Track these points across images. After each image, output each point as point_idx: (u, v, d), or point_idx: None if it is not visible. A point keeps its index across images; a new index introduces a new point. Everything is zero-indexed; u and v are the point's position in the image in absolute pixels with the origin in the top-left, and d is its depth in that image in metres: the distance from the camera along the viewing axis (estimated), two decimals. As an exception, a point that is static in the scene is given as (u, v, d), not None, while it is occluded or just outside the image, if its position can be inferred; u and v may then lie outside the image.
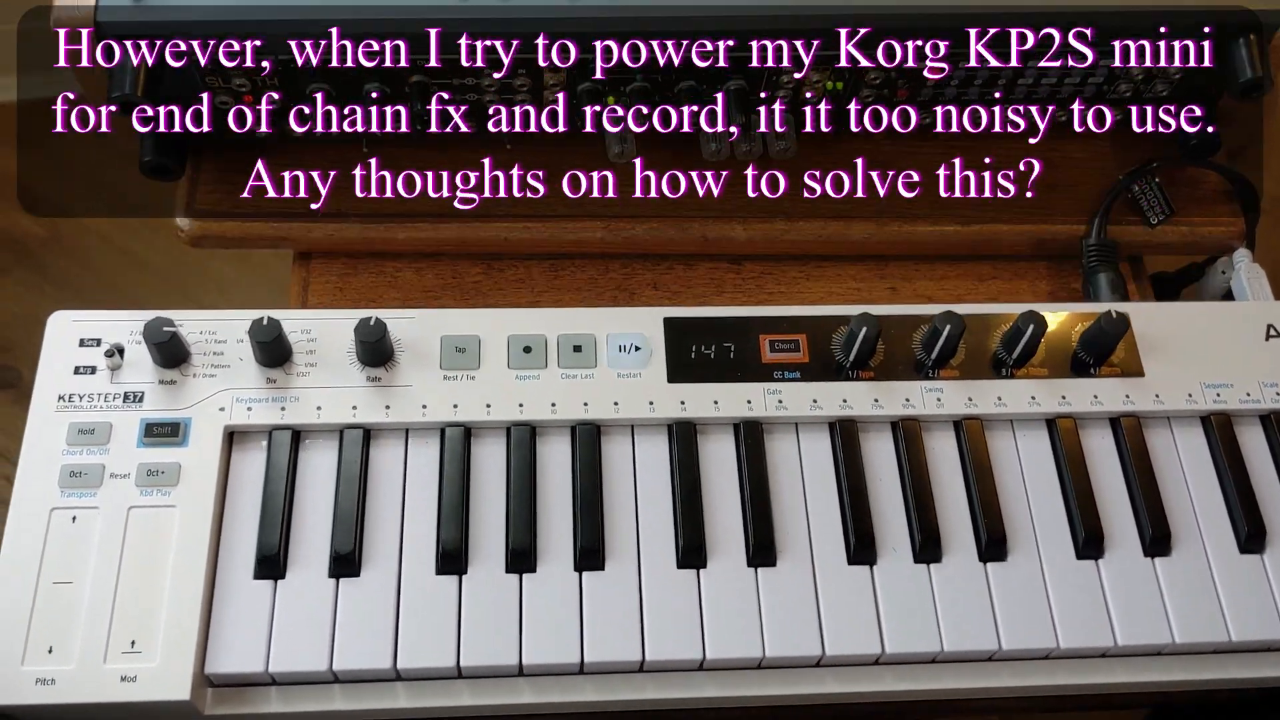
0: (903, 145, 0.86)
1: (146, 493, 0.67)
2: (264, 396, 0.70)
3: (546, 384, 0.72)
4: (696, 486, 0.70)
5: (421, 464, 0.70)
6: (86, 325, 0.72)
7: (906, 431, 0.72)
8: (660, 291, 0.84)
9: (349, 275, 0.83)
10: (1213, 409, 0.74)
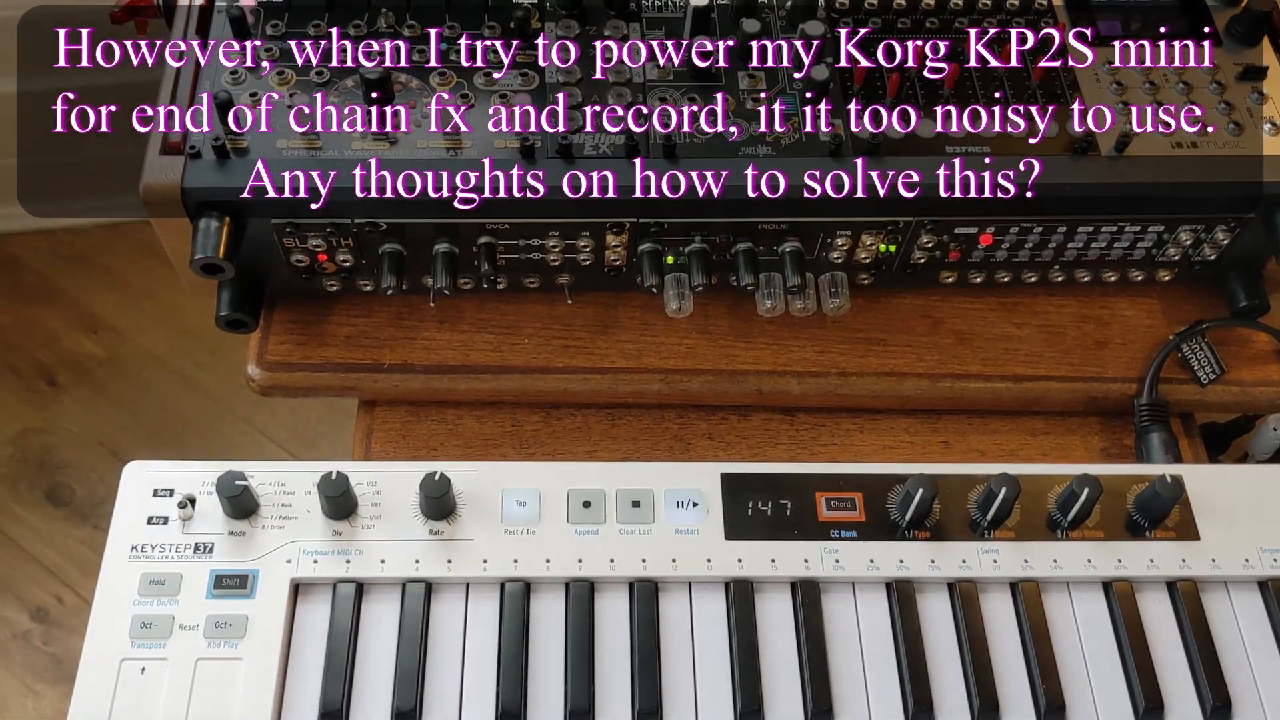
0: (954, 301, 0.88)
1: (214, 644, 0.69)
2: (330, 549, 0.72)
3: (605, 539, 0.73)
4: (754, 647, 0.70)
5: (482, 618, 0.71)
6: (160, 475, 0.74)
7: (963, 594, 0.72)
8: (715, 442, 0.85)
9: (411, 423, 0.85)
10: (1270, 575, 0.74)
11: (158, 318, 1.85)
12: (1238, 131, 0.79)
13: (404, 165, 0.75)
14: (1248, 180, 0.78)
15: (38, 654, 1.57)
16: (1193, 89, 0.81)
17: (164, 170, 0.74)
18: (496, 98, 0.78)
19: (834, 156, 0.77)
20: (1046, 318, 0.87)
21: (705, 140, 0.77)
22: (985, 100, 0.80)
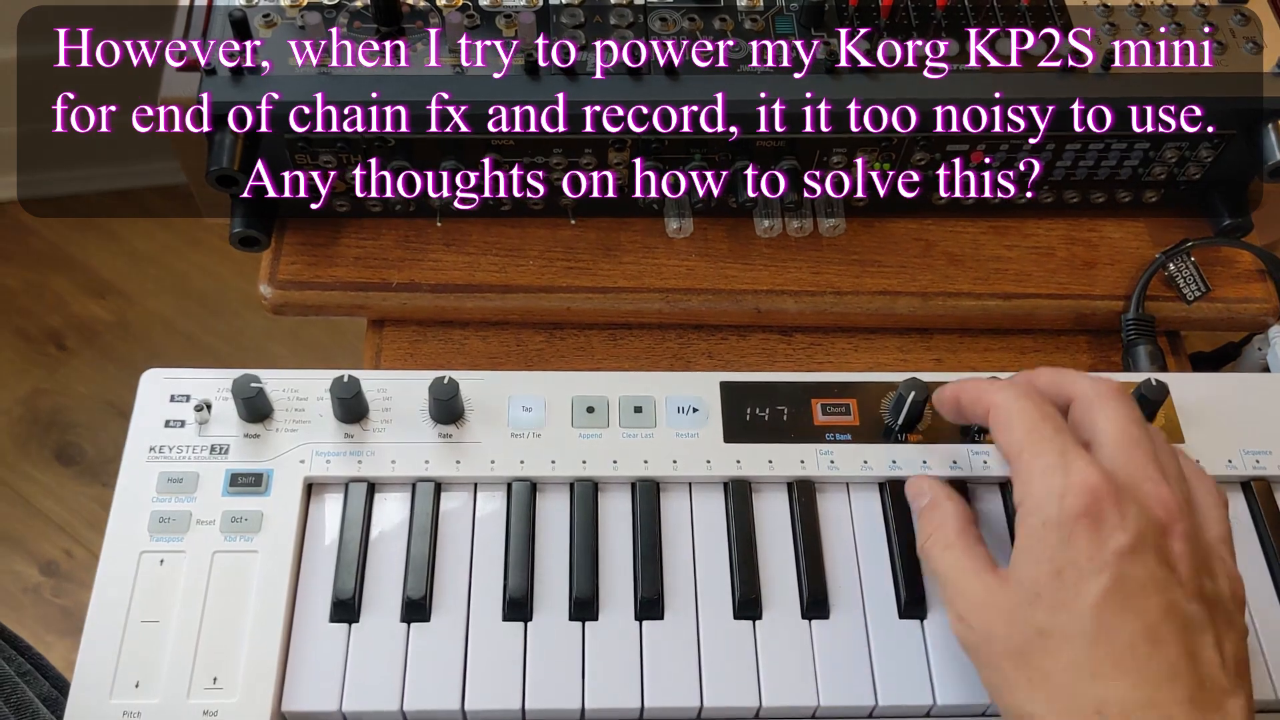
0: (946, 225, 0.90)
1: (230, 538, 0.71)
2: (342, 450, 0.74)
3: (608, 442, 0.75)
4: (752, 542, 0.73)
5: (489, 516, 0.74)
6: (177, 382, 0.76)
7: (955, 491, 0.75)
8: (714, 360, 0.87)
9: (419, 342, 0.87)
10: (1253, 475, 0.76)
11: (164, 282, 1.88)
12: (1220, 50, 0.82)
13: (412, 82, 0.77)
14: (1229, 96, 0.80)
15: (48, 606, 1.59)
16: (1177, 10, 0.84)
17: (180, 85, 0.76)
18: (502, 18, 0.80)
19: (830, 74, 0.79)
20: (1036, 240, 0.90)
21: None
22: (975, 20, 0.82)
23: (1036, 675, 0.58)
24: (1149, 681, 0.56)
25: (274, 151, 0.79)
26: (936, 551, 0.67)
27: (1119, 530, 0.58)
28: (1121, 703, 0.55)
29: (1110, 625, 0.57)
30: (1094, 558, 0.58)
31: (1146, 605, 0.57)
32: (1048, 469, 0.61)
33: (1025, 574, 0.60)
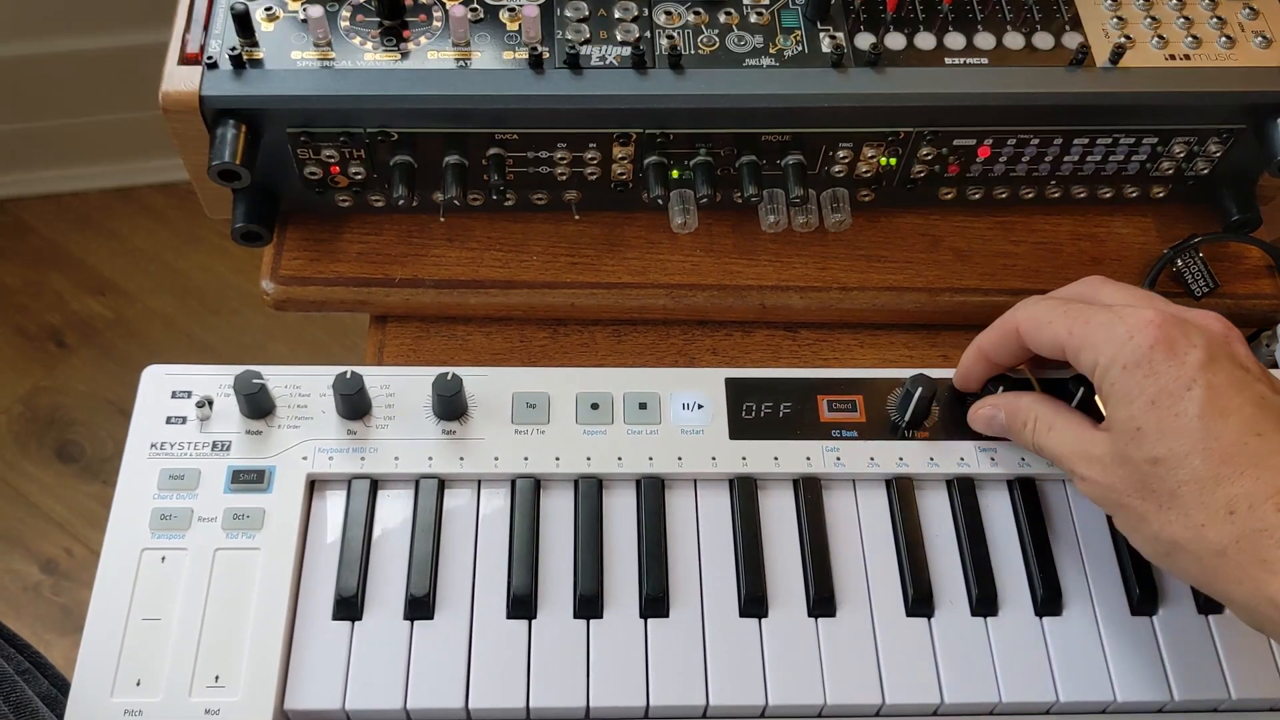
0: (953, 219, 0.89)
1: (232, 535, 0.70)
2: (344, 447, 0.74)
3: (613, 439, 0.75)
4: (757, 539, 0.72)
5: (493, 513, 0.73)
6: (179, 378, 0.76)
7: (962, 488, 0.74)
8: (719, 356, 0.87)
9: (422, 338, 0.86)
10: (1262, 471, 0.75)
11: (164, 280, 1.87)
12: (1229, 45, 0.81)
13: (415, 76, 0.77)
14: (1238, 90, 0.79)
15: (48, 605, 1.58)
16: (1186, 4, 0.83)
17: (182, 79, 0.75)
18: (505, 11, 0.80)
19: (836, 68, 0.79)
20: (1043, 235, 0.89)
21: (710, 52, 0.79)
22: (983, 14, 0.81)
23: (1164, 499, 0.61)
24: (1268, 469, 0.59)
25: (276, 147, 0.78)
26: (1043, 439, 0.70)
27: (1192, 348, 0.62)
28: (1249, 497, 0.59)
29: (1215, 431, 0.60)
30: (1179, 377, 0.61)
31: (1240, 403, 0.60)
32: (1105, 324, 0.65)
33: (1123, 416, 0.63)
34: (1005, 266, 0.88)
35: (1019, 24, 0.81)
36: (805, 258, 0.88)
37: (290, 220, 0.87)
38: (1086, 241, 0.89)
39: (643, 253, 0.88)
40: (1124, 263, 0.88)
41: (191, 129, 0.76)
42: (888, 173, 0.84)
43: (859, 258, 0.88)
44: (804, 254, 0.88)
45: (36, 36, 1.73)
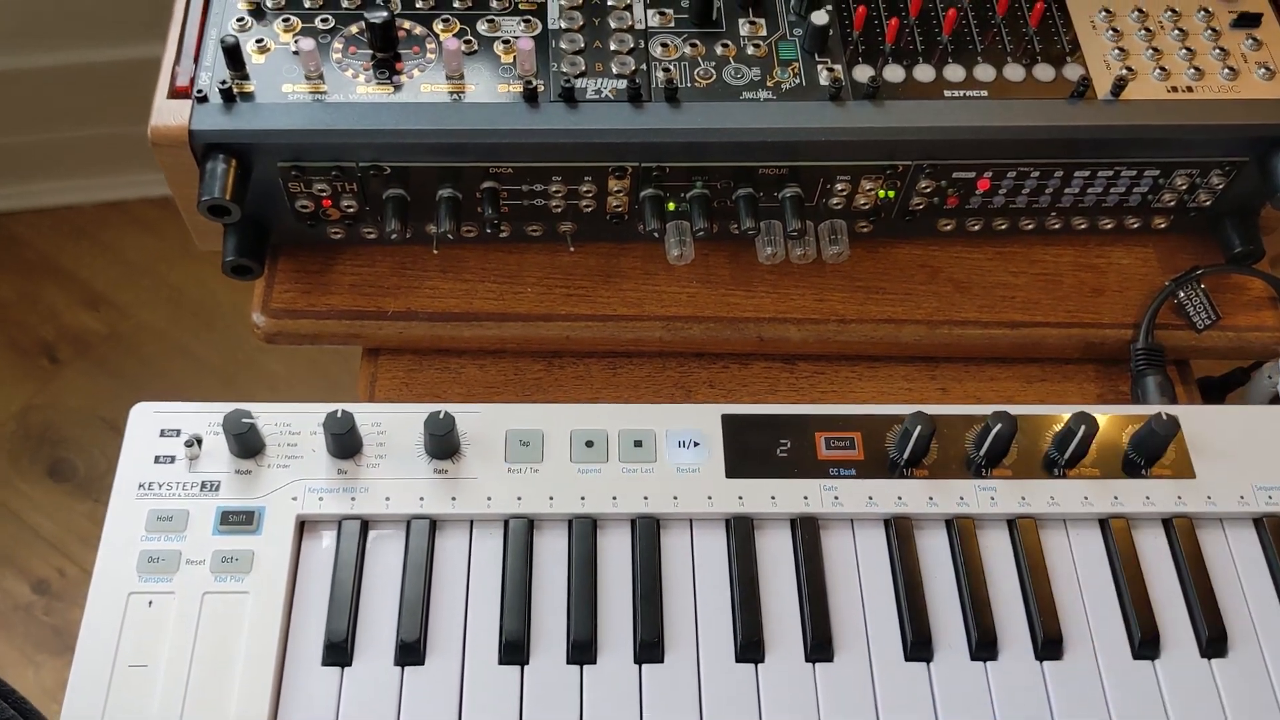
0: (952, 250, 0.88)
1: (220, 579, 0.69)
2: (335, 487, 0.72)
3: (608, 477, 0.74)
4: (754, 581, 0.71)
5: (486, 554, 0.72)
6: (167, 416, 0.75)
7: (961, 529, 0.73)
8: (716, 389, 0.86)
9: (415, 371, 0.85)
10: (1265, 511, 0.74)
11: (158, 293, 1.86)
12: (1232, 76, 0.80)
13: (408, 110, 0.76)
14: (1241, 123, 0.79)
15: (39, 625, 1.57)
16: (1188, 35, 0.82)
17: (171, 113, 0.74)
18: (500, 44, 0.79)
19: (834, 101, 0.78)
20: (1043, 266, 0.88)
21: (707, 85, 0.78)
22: (982, 46, 0.81)
23: None
24: None
25: (266, 180, 0.77)
26: None
27: None
28: None
29: None
30: None
31: None
32: None
33: None
34: (1004, 298, 0.87)
35: (1019, 55, 0.80)
36: (803, 289, 0.87)
37: (282, 252, 0.86)
38: (1087, 273, 0.88)
39: (639, 284, 0.87)
40: (1125, 294, 0.87)
41: (181, 162, 0.75)
42: (886, 205, 0.83)
43: (857, 289, 0.87)
44: (802, 285, 0.87)
45: (29, 50, 1.71)
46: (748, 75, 0.78)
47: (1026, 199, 0.83)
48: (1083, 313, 0.86)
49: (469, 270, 0.86)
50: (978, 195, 0.83)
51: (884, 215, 0.84)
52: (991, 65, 0.80)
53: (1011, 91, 0.79)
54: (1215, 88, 0.80)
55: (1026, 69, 0.80)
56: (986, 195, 0.83)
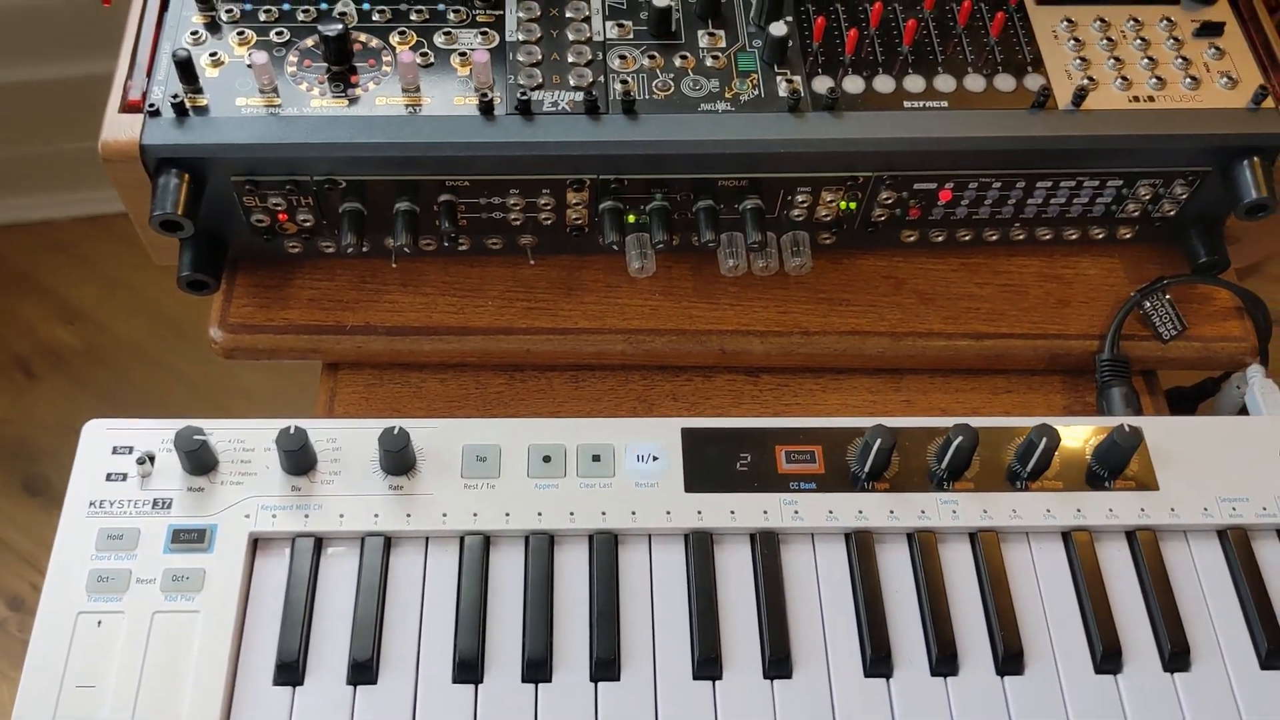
0: (916, 261, 0.88)
1: (171, 598, 0.68)
2: (288, 504, 0.72)
3: (565, 493, 0.73)
4: (712, 597, 0.70)
5: (441, 571, 0.71)
6: (119, 434, 0.74)
7: (922, 543, 0.73)
8: (679, 402, 0.85)
9: (375, 385, 0.85)
10: (1229, 523, 0.74)
11: (135, 307, 1.85)
12: (1195, 86, 0.80)
13: (363, 123, 0.75)
14: (1204, 133, 0.78)
15: (13, 641, 1.56)
16: (1150, 45, 0.82)
17: (123, 128, 0.74)
18: (456, 56, 0.78)
19: (793, 112, 0.77)
20: (1009, 277, 0.88)
21: (665, 97, 0.77)
22: (943, 56, 0.80)
23: None
24: None
25: (221, 194, 0.76)
26: None
27: None
28: None
29: None
30: None
31: None
32: None
33: None
34: (969, 309, 0.86)
35: (980, 66, 0.80)
36: (766, 301, 0.86)
37: (240, 266, 0.85)
38: (1053, 283, 0.88)
39: (601, 296, 0.86)
40: (1091, 305, 0.87)
41: (133, 178, 0.75)
42: (848, 216, 0.83)
43: (821, 301, 0.86)
44: (765, 297, 0.86)
45: (4, 64, 1.71)
46: (706, 87, 0.78)
47: (989, 210, 0.83)
48: (1048, 324, 0.86)
49: (429, 284, 0.85)
50: (940, 206, 0.82)
51: (846, 226, 0.84)
52: (952, 76, 0.79)
53: (972, 102, 0.78)
54: (1177, 97, 0.79)
55: (987, 79, 0.79)
56: (949, 206, 0.82)
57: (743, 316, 0.85)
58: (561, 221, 0.81)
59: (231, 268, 0.85)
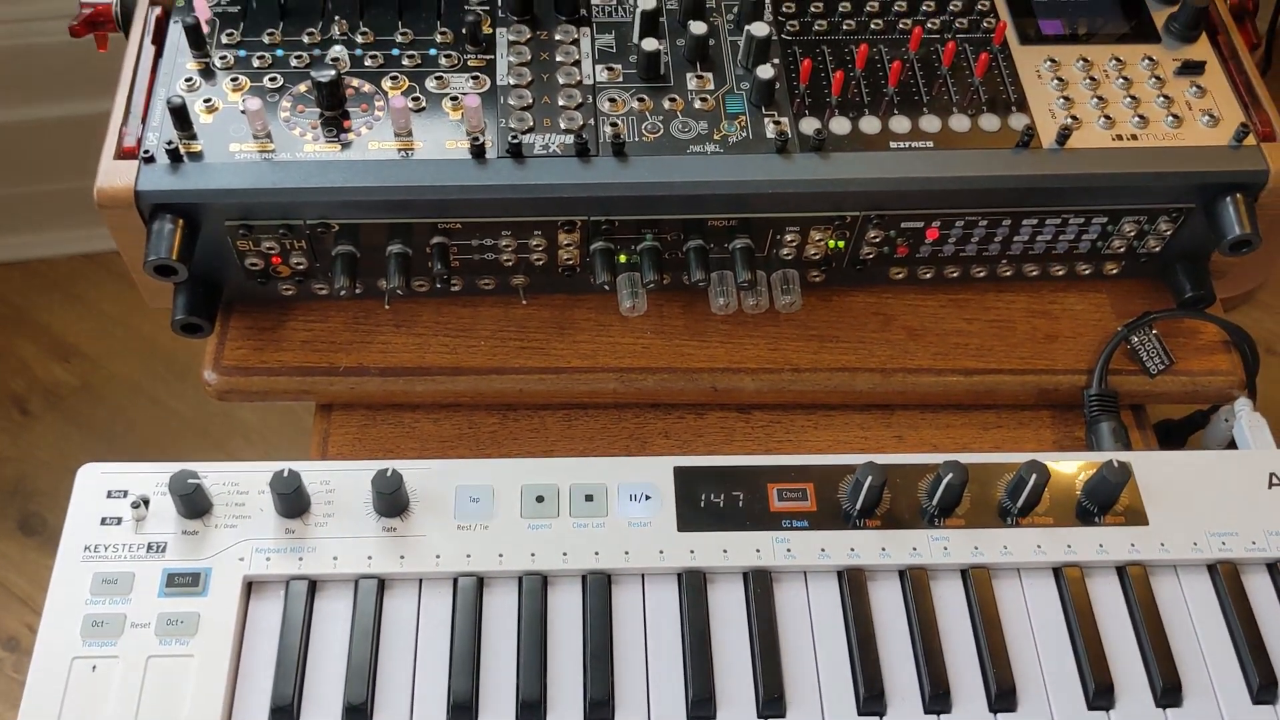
0: (905, 298, 0.89)
1: (165, 642, 0.69)
2: (282, 547, 0.72)
3: (558, 533, 0.73)
4: (706, 637, 0.71)
5: (434, 613, 0.71)
6: (114, 477, 0.74)
7: (914, 580, 0.73)
8: (671, 440, 0.86)
9: (368, 426, 0.85)
10: (1219, 558, 0.74)
11: (131, 345, 1.85)
12: (1177, 124, 0.81)
13: (356, 168, 0.76)
14: (1186, 170, 0.79)
15: (9, 682, 1.55)
16: (1133, 84, 0.83)
17: (118, 174, 0.74)
18: (448, 100, 0.79)
19: (780, 154, 0.78)
20: (996, 313, 0.88)
21: (654, 139, 0.78)
22: (928, 97, 0.81)
23: None
24: None
25: (215, 239, 0.77)
26: None
27: None
28: None
29: None
30: None
31: None
32: None
33: None
34: (958, 345, 0.87)
35: (965, 106, 0.81)
36: (757, 338, 0.87)
37: (234, 308, 0.85)
38: (1041, 319, 0.88)
39: (593, 335, 0.86)
40: (1079, 340, 0.87)
41: (128, 223, 0.75)
42: (837, 254, 0.83)
43: (811, 338, 0.87)
44: (756, 335, 0.87)
45: (2, 104, 1.72)
46: (695, 129, 0.79)
47: (976, 247, 0.84)
48: (1037, 359, 0.86)
49: (422, 324, 0.86)
50: (927, 244, 0.83)
51: (835, 264, 0.84)
52: (937, 116, 0.80)
53: (957, 142, 0.79)
54: (1160, 135, 0.80)
55: (972, 119, 0.80)
56: (936, 244, 0.83)
57: (734, 354, 0.86)
58: (553, 262, 0.82)
59: (225, 310, 0.85)
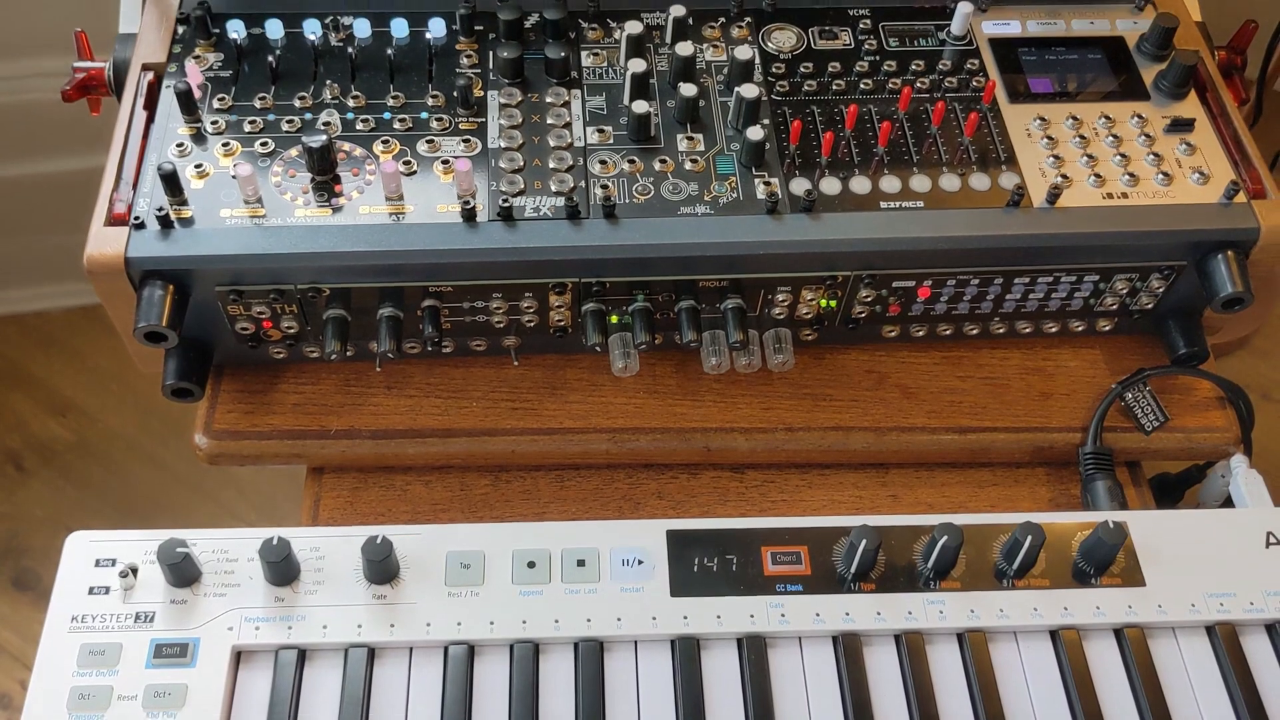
0: (898, 356, 0.88)
1: (153, 715, 0.68)
2: (271, 616, 0.71)
3: (550, 600, 0.73)
4: (700, 705, 0.70)
5: (425, 682, 0.70)
6: (103, 545, 0.74)
7: (910, 645, 0.72)
8: (665, 500, 0.85)
9: (360, 489, 0.84)
10: (1217, 619, 0.74)
11: (126, 399, 1.85)
12: (1167, 182, 0.81)
13: (347, 232, 0.76)
14: (1177, 228, 0.79)
15: (0, 742, 1.54)
16: (1122, 141, 0.83)
17: (107, 241, 0.74)
18: (439, 164, 0.79)
19: (771, 215, 0.78)
20: (990, 370, 0.88)
21: (645, 201, 0.78)
22: (918, 156, 0.81)
23: None
24: None
25: (205, 304, 0.77)
26: None
27: None
28: None
29: None
30: None
31: None
32: None
33: None
34: (952, 403, 0.87)
35: (955, 165, 0.81)
36: (750, 398, 0.86)
37: (225, 372, 0.85)
38: (1035, 376, 0.88)
39: (585, 395, 0.86)
40: (1073, 397, 0.87)
41: (118, 289, 0.75)
42: (829, 313, 0.83)
43: (804, 396, 0.87)
44: (749, 394, 0.86)
45: (0, 159, 1.73)
46: (685, 190, 0.79)
47: (969, 305, 0.84)
48: (1031, 417, 0.86)
49: (413, 386, 0.86)
50: (919, 303, 0.83)
51: (827, 323, 0.84)
52: (927, 176, 0.80)
53: (947, 201, 0.79)
54: (1150, 193, 0.81)
55: (962, 178, 0.80)
56: (928, 303, 0.83)
57: (727, 414, 0.86)
58: (545, 323, 0.82)
59: (216, 374, 0.85)
